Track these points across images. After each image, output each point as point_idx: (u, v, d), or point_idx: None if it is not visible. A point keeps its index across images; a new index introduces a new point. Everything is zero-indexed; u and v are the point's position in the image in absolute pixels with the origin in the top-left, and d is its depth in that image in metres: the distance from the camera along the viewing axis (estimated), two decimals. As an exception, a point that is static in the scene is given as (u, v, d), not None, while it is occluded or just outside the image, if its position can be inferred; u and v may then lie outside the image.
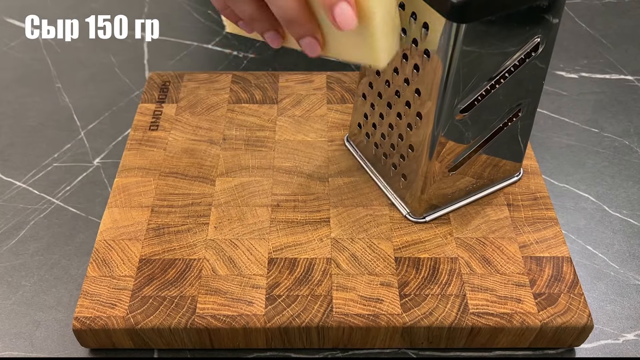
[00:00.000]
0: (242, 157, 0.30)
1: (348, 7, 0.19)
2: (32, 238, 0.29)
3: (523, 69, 0.23)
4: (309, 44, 0.21)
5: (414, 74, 0.23)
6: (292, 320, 0.23)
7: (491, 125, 0.25)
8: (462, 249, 0.26)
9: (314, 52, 0.21)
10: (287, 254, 0.26)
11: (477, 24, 0.20)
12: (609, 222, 0.30)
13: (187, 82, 0.34)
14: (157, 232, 0.26)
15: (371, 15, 0.19)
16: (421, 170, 0.25)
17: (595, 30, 0.41)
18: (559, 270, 0.25)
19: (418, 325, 0.23)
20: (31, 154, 0.33)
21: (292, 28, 0.20)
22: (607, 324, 0.26)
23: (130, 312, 0.23)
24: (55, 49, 0.40)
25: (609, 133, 0.34)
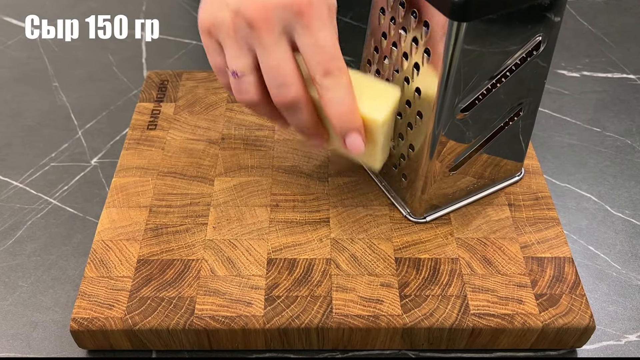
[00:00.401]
0: (241, 156, 0.30)
1: (358, 137, 0.22)
2: (29, 238, 0.28)
3: (524, 68, 0.23)
4: (315, 145, 0.24)
5: (414, 73, 0.23)
6: (291, 322, 0.23)
7: (492, 124, 0.25)
8: (462, 250, 0.26)
9: (318, 149, 0.25)
10: (286, 254, 0.25)
11: (478, 22, 0.20)
12: (611, 222, 0.29)
13: (186, 81, 0.34)
14: (155, 233, 0.26)
15: (376, 141, 0.23)
16: (422, 170, 0.25)
17: (597, 29, 0.41)
18: (561, 270, 0.25)
19: (418, 326, 0.23)
20: (28, 153, 0.33)
21: (303, 134, 0.23)
22: (609, 325, 0.25)
23: (128, 313, 0.23)
24: (53, 47, 0.40)
25: (611, 132, 0.34)
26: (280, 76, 0.21)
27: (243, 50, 0.21)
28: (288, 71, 0.21)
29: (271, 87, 0.21)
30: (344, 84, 0.21)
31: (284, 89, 0.21)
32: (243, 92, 0.22)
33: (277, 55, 0.20)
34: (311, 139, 0.24)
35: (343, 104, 0.21)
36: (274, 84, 0.21)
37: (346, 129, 0.22)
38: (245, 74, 0.21)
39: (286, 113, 0.22)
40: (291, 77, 0.21)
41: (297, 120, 0.22)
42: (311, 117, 0.22)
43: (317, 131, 0.23)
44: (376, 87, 0.23)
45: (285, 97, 0.21)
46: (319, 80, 0.21)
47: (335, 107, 0.21)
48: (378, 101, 0.22)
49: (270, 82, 0.21)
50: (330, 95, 0.21)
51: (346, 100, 0.21)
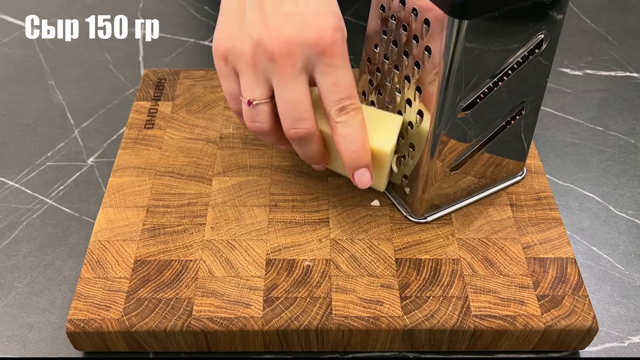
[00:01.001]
0: (239, 156, 0.30)
1: (366, 173, 0.23)
2: (24, 239, 0.28)
3: (526, 66, 0.23)
4: (318, 168, 0.26)
5: (415, 71, 0.23)
6: (290, 323, 0.23)
7: (494, 123, 0.24)
8: (464, 250, 0.25)
9: (319, 169, 0.26)
10: (285, 255, 0.25)
11: (479, 20, 0.20)
12: (614, 222, 0.29)
13: (184, 80, 0.34)
14: (153, 233, 0.26)
15: (384, 168, 0.24)
16: (422, 170, 0.25)
17: (600, 27, 0.41)
18: (563, 271, 0.25)
19: (419, 328, 0.23)
20: (24, 152, 0.32)
21: (308, 160, 0.24)
22: (612, 326, 0.25)
23: (125, 314, 0.23)
24: (49, 46, 0.39)
25: (614, 131, 0.34)
26: (296, 111, 0.21)
27: (260, 80, 0.21)
28: (305, 107, 0.21)
29: (285, 119, 0.22)
30: (358, 122, 0.22)
31: (299, 123, 0.22)
32: (256, 121, 0.23)
33: (296, 91, 0.21)
34: (314, 164, 0.25)
35: (356, 142, 0.22)
36: (289, 117, 0.22)
37: (356, 165, 0.23)
38: (260, 103, 0.22)
39: (296, 144, 0.23)
40: (307, 113, 0.21)
41: (306, 151, 0.23)
42: (319, 149, 0.23)
43: (323, 159, 0.24)
44: (380, 117, 0.24)
45: (299, 131, 0.22)
46: (334, 117, 0.22)
47: (348, 144, 0.22)
48: (383, 130, 0.24)
49: (285, 115, 0.22)
50: (345, 133, 0.22)
51: (359, 138, 0.22)
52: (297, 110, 0.21)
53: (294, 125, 0.22)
